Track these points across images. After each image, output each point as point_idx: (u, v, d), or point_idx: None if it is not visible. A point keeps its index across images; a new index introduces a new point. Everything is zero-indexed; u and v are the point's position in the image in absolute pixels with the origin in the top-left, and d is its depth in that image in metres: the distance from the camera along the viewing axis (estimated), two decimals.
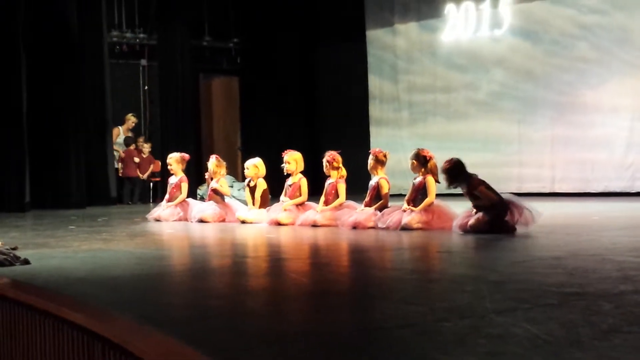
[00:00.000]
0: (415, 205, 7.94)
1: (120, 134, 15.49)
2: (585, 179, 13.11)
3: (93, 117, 14.57)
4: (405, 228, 7.71)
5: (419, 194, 8.00)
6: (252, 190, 9.75)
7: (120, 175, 15.44)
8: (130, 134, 15.65)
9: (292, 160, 9.34)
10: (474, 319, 3.30)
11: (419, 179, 8.06)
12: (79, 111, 14.07)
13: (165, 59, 16.30)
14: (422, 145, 8.64)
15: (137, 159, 15.52)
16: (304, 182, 9.26)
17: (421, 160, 8.04)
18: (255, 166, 9.78)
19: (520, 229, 7.11)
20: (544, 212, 7.29)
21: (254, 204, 9.68)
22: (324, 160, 8.94)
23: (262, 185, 9.70)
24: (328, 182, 8.97)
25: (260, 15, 17.02)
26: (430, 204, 7.92)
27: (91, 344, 3.32)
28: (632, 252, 5.50)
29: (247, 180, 9.96)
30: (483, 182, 7.39)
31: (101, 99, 14.78)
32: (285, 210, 9.07)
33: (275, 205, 9.34)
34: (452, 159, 7.55)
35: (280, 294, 4.34)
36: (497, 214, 7.17)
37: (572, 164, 13.26)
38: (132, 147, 15.68)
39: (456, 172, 7.45)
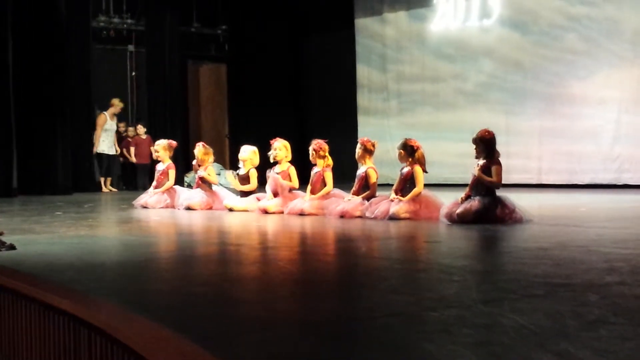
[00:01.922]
0: (403, 195, 7.93)
1: (107, 119, 15.07)
2: (572, 171, 13.16)
3: (80, 103, 14.48)
4: (393, 218, 7.71)
5: (406, 184, 7.99)
6: (244, 177, 9.72)
7: (135, 163, 15.35)
8: (115, 119, 15.36)
9: (283, 147, 9.32)
10: (461, 308, 3.30)
11: (407, 168, 8.05)
12: (65, 97, 14.00)
13: (153, 45, 16.24)
14: (409, 135, 8.62)
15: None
16: (292, 170, 9.25)
17: (409, 150, 8.02)
18: (253, 152, 9.77)
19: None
20: (533, 214, 7.28)
21: (242, 184, 9.67)
22: (311, 149, 8.92)
23: (255, 174, 9.68)
24: (314, 171, 8.95)
25: (248, 2, 16.96)
26: (418, 194, 7.91)
27: (77, 330, 3.31)
28: (618, 243, 5.52)
29: (238, 171, 9.92)
30: (501, 164, 7.39)
31: (87, 85, 14.69)
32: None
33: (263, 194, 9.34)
34: (490, 130, 7.49)
35: (267, 282, 4.33)
36: (488, 205, 7.17)
37: (559, 156, 13.31)
38: (132, 134, 15.57)
39: (493, 144, 7.42)
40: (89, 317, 3.23)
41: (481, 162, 7.39)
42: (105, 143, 15.06)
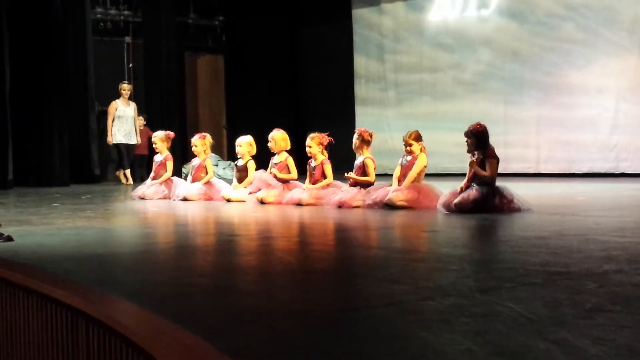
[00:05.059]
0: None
1: (118, 106, 14.60)
2: (570, 160, 13.17)
3: (76, 94, 14.45)
4: (389, 204, 7.70)
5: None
6: (241, 169, 9.71)
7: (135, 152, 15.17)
8: (131, 105, 14.94)
9: (279, 138, 9.31)
10: (458, 297, 3.30)
11: (409, 157, 8.06)
12: (62, 88, 13.97)
13: (150, 36, 16.20)
14: (409, 126, 8.60)
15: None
16: (291, 161, 9.23)
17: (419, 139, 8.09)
18: (249, 144, 9.73)
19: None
20: (531, 203, 7.27)
21: (239, 182, 9.65)
22: (317, 143, 8.82)
23: (253, 165, 9.67)
24: (313, 163, 8.90)
25: None
26: (413, 181, 7.91)
27: (75, 321, 3.31)
28: (616, 232, 5.53)
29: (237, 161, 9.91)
30: (497, 157, 7.38)
31: (84, 76, 14.64)
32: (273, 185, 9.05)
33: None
34: (482, 124, 7.47)
35: (265, 272, 4.33)
36: (486, 194, 7.16)
37: (557, 145, 13.31)
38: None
39: (486, 137, 7.42)
40: (87, 308, 3.22)
41: (477, 155, 7.38)
42: (120, 132, 14.62)
